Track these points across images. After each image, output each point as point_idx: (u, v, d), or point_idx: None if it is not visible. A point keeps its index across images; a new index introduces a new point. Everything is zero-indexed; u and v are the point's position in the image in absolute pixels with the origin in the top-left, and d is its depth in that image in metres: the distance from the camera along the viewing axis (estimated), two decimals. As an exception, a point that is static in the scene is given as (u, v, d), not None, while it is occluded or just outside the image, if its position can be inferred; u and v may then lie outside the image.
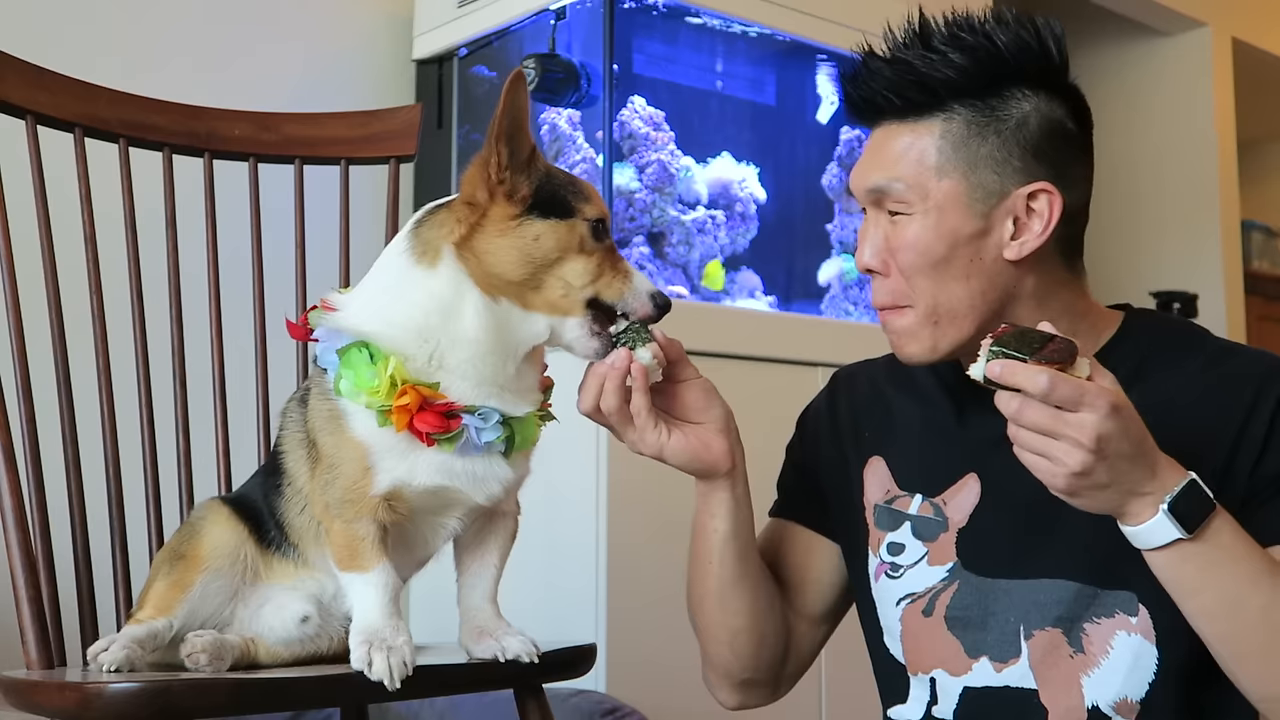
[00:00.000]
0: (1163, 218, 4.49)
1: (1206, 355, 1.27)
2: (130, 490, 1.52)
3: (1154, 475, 1.08)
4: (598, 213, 1.19)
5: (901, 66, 1.24)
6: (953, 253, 1.23)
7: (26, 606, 1.36)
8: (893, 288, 1.26)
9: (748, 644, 1.36)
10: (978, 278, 1.23)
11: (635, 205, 2.51)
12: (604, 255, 1.19)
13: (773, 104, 2.92)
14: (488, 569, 1.28)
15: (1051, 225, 1.22)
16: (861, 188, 1.28)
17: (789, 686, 1.46)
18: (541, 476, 1.31)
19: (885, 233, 1.26)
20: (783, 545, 1.45)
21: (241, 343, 1.67)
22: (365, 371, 1.15)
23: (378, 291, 1.21)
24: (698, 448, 1.25)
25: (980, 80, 1.23)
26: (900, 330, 1.27)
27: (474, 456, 1.18)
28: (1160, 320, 1.34)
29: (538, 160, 1.19)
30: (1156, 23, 4.47)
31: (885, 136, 1.27)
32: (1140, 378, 1.22)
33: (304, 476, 1.24)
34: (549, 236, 1.17)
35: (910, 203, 1.23)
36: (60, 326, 1.50)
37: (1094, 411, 1.04)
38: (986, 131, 1.22)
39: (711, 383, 1.28)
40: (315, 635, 1.28)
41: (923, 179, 1.23)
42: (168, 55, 2.49)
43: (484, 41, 2.68)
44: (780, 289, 2.78)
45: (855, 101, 1.30)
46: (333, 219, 1.75)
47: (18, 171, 1.48)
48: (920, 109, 1.24)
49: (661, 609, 2.18)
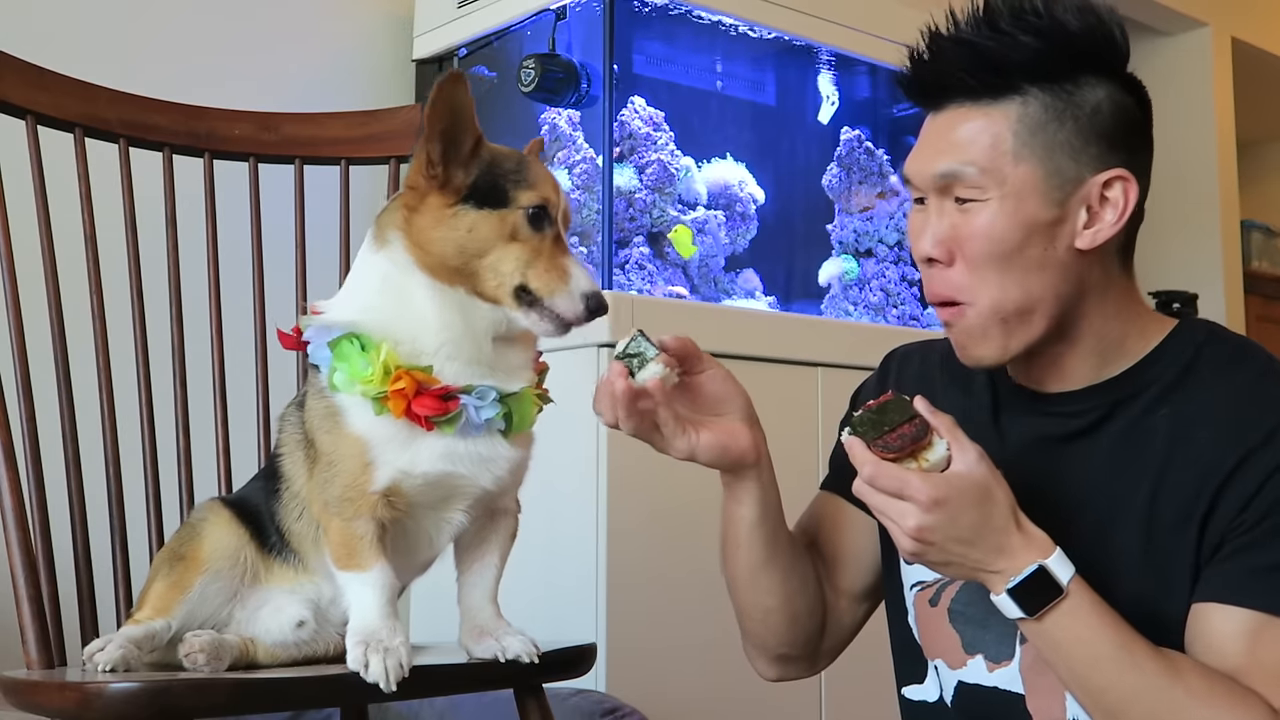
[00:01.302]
0: (1163, 218, 4.48)
1: (1258, 370, 1.21)
2: (130, 490, 1.52)
3: (1002, 554, 1.10)
4: (536, 199, 1.19)
5: (973, 47, 1.19)
6: (1027, 242, 1.18)
7: (26, 606, 1.36)
8: (955, 280, 1.20)
9: (780, 621, 1.36)
10: (1051, 270, 1.19)
11: (635, 205, 2.51)
12: (541, 245, 1.19)
13: (773, 104, 2.92)
14: (488, 568, 1.29)
15: (1127, 213, 1.19)
16: (927, 173, 1.21)
17: (828, 661, 1.45)
18: (540, 475, 1.31)
19: (951, 221, 1.20)
20: (826, 518, 1.44)
21: (241, 343, 1.67)
22: (358, 361, 1.17)
23: (355, 283, 1.25)
24: (726, 441, 1.25)
25: (1056, 63, 1.19)
26: (966, 330, 1.22)
27: (476, 438, 1.19)
28: (1215, 331, 1.27)
29: (483, 150, 1.20)
30: (1156, 23, 4.47)
31: (954, 120, 1.20)
32: (1182, 384, 1.20)
33: (301, 479, 1.24)
34: (481, 226, 1.18)
35: (984, 188, 1.18)
36: (60, 326, 1.50)
37: (913, 505, 1.08)
38: (1064, 117, 1.18)
39: (728, 370, 1.26)
40: (310, 640, 1.28)
41: (999, 164, 1.17)
42: (168, 55, 2.49)
43: (484, 41, 2.68)
44: (780, 289, 2.77)
45: (925, 81, 1.23)
46: (333, 219, 1.75)
47: (18, 171, 1.48)
48: (995, 91, 1.19)
49: (661, 608, 2.18)
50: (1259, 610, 1.11)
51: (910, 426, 1.10)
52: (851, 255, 2.90)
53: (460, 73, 1.18)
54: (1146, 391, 1.21)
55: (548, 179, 1.22)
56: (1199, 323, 1.27)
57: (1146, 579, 1.17)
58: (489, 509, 1.27)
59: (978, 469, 1.10)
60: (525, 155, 1.24)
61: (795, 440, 2.33)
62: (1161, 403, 1.20)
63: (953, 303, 1.21)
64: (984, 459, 1.11)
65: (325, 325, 1.21)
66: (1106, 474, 1.21)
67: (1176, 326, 1.26)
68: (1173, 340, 1.24)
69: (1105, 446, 1.22)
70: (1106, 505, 1.20)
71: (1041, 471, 1.22)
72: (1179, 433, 1.18)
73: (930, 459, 1.10)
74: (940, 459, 1.10)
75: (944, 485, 1.09)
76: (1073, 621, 1.10)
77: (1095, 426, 1.23)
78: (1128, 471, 1.20)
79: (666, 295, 2.49)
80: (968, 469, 1.10)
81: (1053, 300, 1.19)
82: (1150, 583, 1.17)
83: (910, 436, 1.10)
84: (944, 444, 1.11)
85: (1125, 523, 1.19)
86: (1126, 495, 1.19)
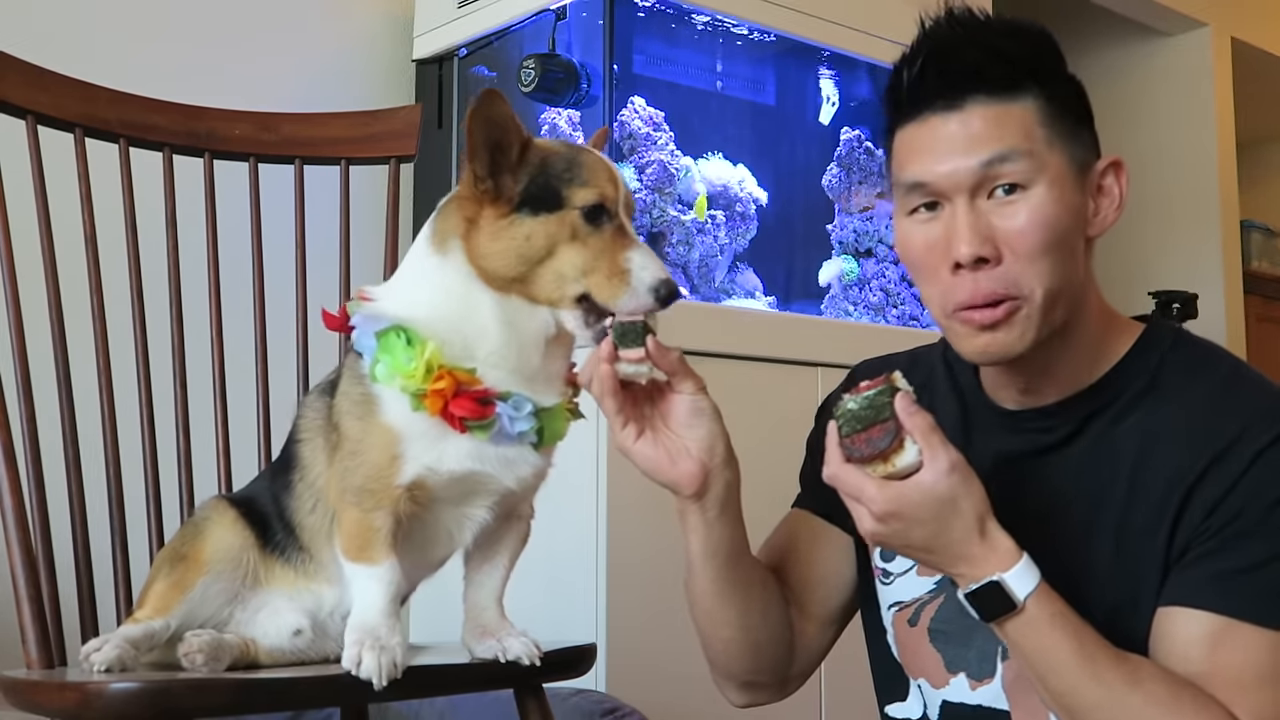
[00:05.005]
0: (1162, 218, 4.49)
1: (1219, 380, 1.21)
2: (130, 490, 1.52)
3: (962, 561, 1.10)
4: (594, 197, 1.17)
5: (992, 42, 1.20)
6: (1072, 228, 1.18)
7: (26, 606, 1.36)
8: (1009, 275, 1.16)
9: (743, 651, 1.34)
10: (1076, 257, 1.20)
11: (635, 205, 2.51)
12: (603, 243, 1.17)
13: (773, 104, 2.93)
14: (497, 569, 1.29)
15: (1124, 200, 1.21)
16: (964, 168, 1.17)
17: (797, 685, 1.44)
18: (542, 476, 1.31)
19: (988, 219, 1.16)
20: (799, 537, 1.43)
21: (241, 343, 1.67)
22: (402, 355, 1.16)
23: (409, 279, 1.23)
24: (663, 461, 1.21)
25: (1048, 58, 1.21)
26: (1014, 326, 1.17)
27: (504, 445, 1.19)
28: (1180, 337, 1.26)
29: (531, 154, 1.18)
30: (1156, 23, 4.47)
31: (975, 115, 1.17)
32: (1150, 393, 1.21)
33: (320, 466, 1.24)
34: (539, 233, 1.16)
35: (1031, 174, 1.16)
36: (60, 326, 1.50)
37: (867, 510, 1.09)
38: (1065, 108, 1.20)
39: (707, 404, 1.21)
40: (306, 649, 1.27)
41: (1038, 149, 1.17)
42: (168, 55, 2.49)
43: (484, 41, 2.68)
44: (780, 289, 2.78)
45: (945, 78, 1.19)
46: (333, 219, 1.74)
47: (18, 171, 1.48)
48: (1013, 85, 1.18)
49: (661, 609, 2.18)
50: (1220, 614, 1.11)
51: (880, 430, 1.08)
52: (851, 255, 2.90)
53: (495, 90, 1.16)
54: (1116, 402, 1.21)
55: (601, 171, 1.19)
56: (1165, 327, 1.27)
57: (1120, 587, 1.17)
58: (507, 511, 1.27)
59: (942, 483, 1.08)
60: (577, 150, 1.21)
61: (795, 441, 2.32)
62: (1130, 412, 1.20)
63: (1002, 300, 1.17)
64: (955, 470, 1.08)
65: (374, 314, 1.21)
66: (1079, 485, 1.21)
67: (1144, 332, 1.26)
68: (1140, 348, 1.24)
69: (1077, 458, 1.22)
70: (1079, 516, 1.20)
71: (1015, 486, 1.21)
72: (1148, 442, 1.18)
73: (898, 463, 1.08)
74: (909, 464, 1.08)
75: (897, 500, 1.08)
76: (1031, 632, 1.10)
77: (1067, 441, 1.23)
78: (1099, 481, 1.20)
79: (666, 295, 2.49)
80: (932, 481, 1.08)
81: (1073, 289, 1.20)
82: (1123, 590, 1.17)
83: (878, 442, 1.08)
84: (916, 449, 1.08)
85: (1098, 532, 1.19)
86: (1099, 505, 1.19)
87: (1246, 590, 1.11)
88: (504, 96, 1.16)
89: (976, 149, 1.17)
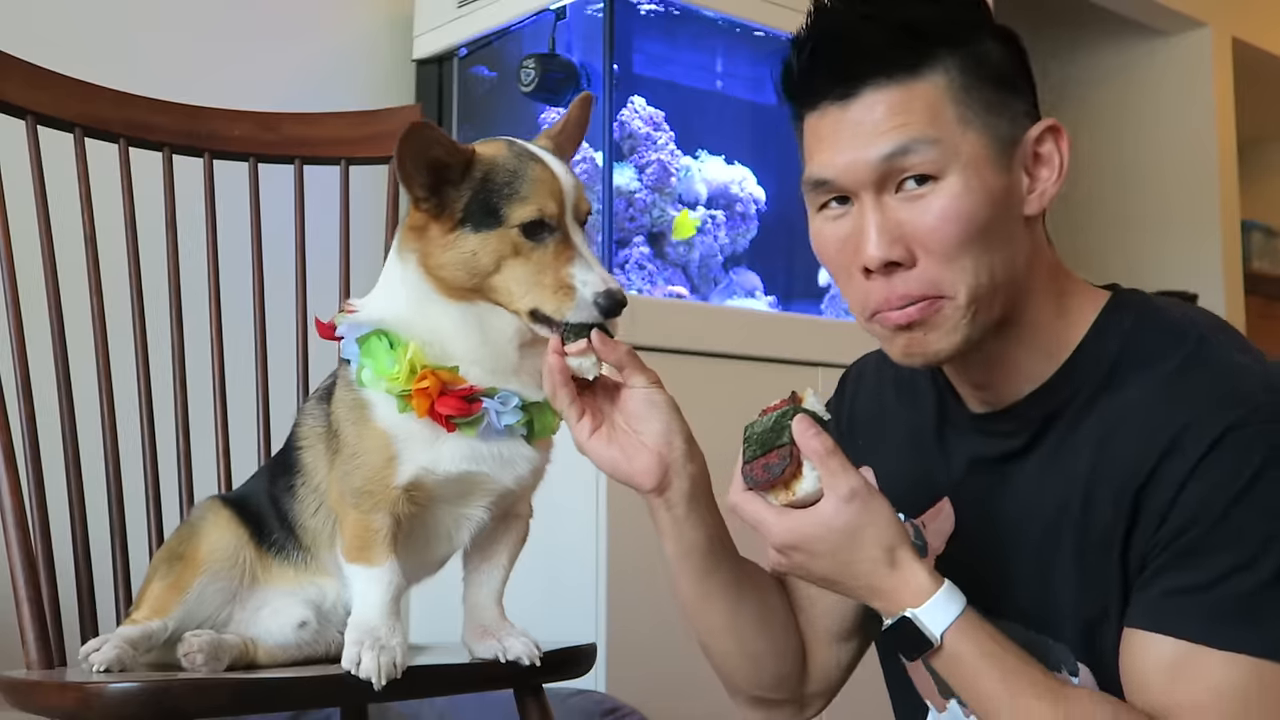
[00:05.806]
0: (1163, 218, 4.49)
1: (1177, 361, 1.09)
2: (130, 490, 1.52)
3: (876, 594, 1.06)
4: (532, 213, 1.16)
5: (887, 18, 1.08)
6: (992, 216, 1.07)
7: (26, 606, 1.36)
8: (925, 276, 1.08)
9: (740, 663, 1.29)
10: (1011, 243, 1.09)
11: (635, 205, 2.51)
12: (546, 257, 1.16)
13: (773, 104, 2.92)
14: (496, 568, 1.29)
15: (1065, 167, 1.10)
16: (862, 162, 1.08)
17: (819, 706, 1.36)
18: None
19: (898, 216, 1.07)
20: None
21: (241, 343, 1.67)
22: (385, 358, 1.18)
23: (386, 286, 1.25)
24: (618, 457, 1.17)
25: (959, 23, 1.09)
26: (937, 326, 1.09)
27: (498, 440, 1.20)
28: (1145, 311, 1.15)
29: (476, 168, 1.18)
30: (1156, 23, 4.47)
31: (875, 103, 1.08)
32: (1106, 388, 1.11)
33: (322, 472, 1.25)
34: (483, 250, 1.17)
35: (943, 162, 1.06)
36: (60, 326, 1.50)
37: (767, 542, 1.07)
38: (982, 76, 1.08)
39: (660, 397, 1.17)
40: (312, 641, 1.28)
41: (947, 134, 1.06)
42: (168, 55, 2.49)
43: (484, 41, 2.68)
44: (780, 289, 2.77)
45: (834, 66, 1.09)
46: (333, 219, 1.74)
47: (18, 171, 1.48)
48: (914, 64, 1.07)
49: (661, 609, 2.18)
50: (1176, 638, 1.02)
51: (777, 455, 1.04)
52: (851, 255, 2.90)
53: (423, 122, 1.16)
54: (1075, 400, 1.13)
55: (543, 183, 1.18)
56: (1129, 301, 1.16)
57: (1090, 600, 1.10)
58: (505, 510, 1.27)
59: (841, 513, 1.03)
60: (523, 160, 1.20)
61: (795, 440, 2.33)
62: (1090, 409, 1.12)
63: (924, 301, 1.08)
64: (855, 497, 1.03)
65: (356, 322, 1.23)
66: (1042, 495, 1.13)
67: (1103, 310, 1.15)
68: (1098, 330, 1.14)
69: (1038, 466, 1.14)
70: (1046, 526, 1.13)
71: (984, 494, 1.18)
72: (1104, 442, 1.10)
73: (798, 491, 1.04)
74: (809, 492, 1.04)
75: (795, 532, 1.04)
76: (953, 665, 1.05)
77: (1029, 446, 1.15)
78: (1060, 493, 1.12)
79: (666, 295, 2.49)
80: (831, 511, 1.03)
81: (1007, 278, 1.09)
82: (1093, 604, 1.10)
83: (774, 468, 1.04)
84: (815, 475, 1.03)
85: (1063, 545, 1.11)
86: (1060, 516, 1.12)
87: (1204, 610, 1.01)
88: (434, 126, 1.17)
89: (877, 141, 1.07)
